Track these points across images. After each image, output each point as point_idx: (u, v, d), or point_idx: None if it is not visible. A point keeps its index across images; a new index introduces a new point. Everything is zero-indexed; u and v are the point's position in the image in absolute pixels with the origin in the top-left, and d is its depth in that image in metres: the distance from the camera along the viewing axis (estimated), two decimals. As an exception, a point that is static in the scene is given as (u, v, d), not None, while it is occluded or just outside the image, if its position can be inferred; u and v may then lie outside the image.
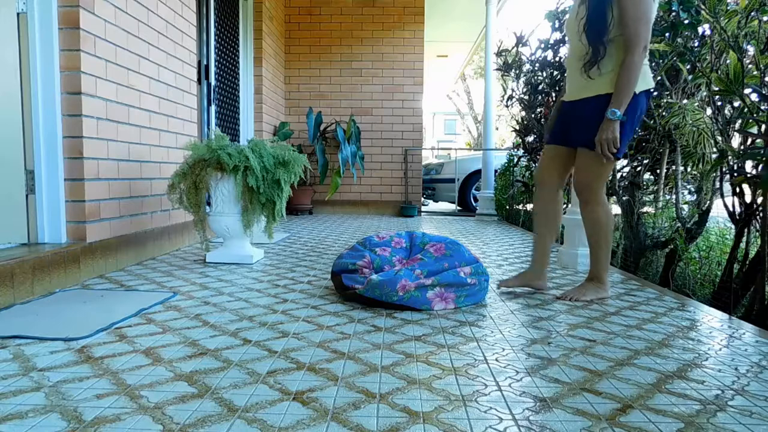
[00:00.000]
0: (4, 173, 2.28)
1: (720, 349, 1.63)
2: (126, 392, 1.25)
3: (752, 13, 2.59)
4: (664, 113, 3.33)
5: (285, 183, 2.85)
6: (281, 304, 2.11)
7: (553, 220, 2.37)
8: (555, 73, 4.70)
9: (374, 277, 2.10)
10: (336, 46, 6.74)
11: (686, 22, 2.86)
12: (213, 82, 4.68)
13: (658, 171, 3.70)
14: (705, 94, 3.25)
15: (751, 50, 2.78)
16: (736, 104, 2.96)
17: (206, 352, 1.53)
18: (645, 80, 2.09)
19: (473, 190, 8.05)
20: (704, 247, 3.50)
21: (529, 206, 5.89)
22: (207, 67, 4.58)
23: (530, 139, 5.38)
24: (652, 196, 3.84)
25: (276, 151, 2.89)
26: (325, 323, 1.85)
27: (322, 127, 6.49)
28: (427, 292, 2.05)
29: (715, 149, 3.10)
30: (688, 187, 3.71)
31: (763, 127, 2.39)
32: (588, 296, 2.24)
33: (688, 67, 3.14)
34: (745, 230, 2.70)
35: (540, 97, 4.99)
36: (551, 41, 4.61)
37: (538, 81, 4.97)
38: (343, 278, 2.25)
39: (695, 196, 3.52)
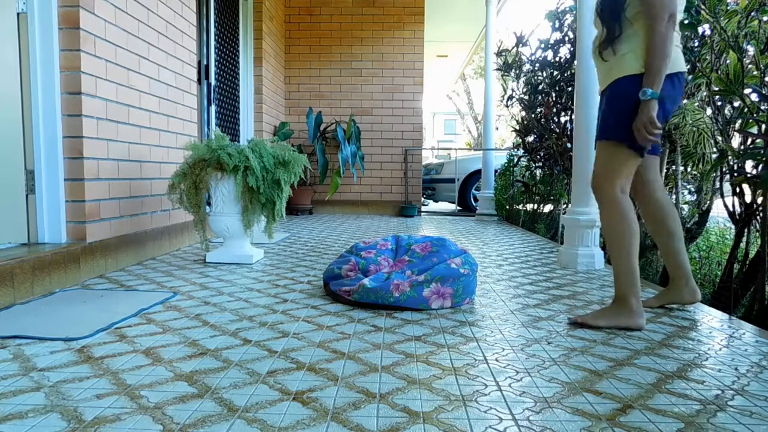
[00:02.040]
0: (4, 173, 2.28)
1: (720, 349, 1.63)
2: (126, 392, 1.25)
3: (752, 13, 2.59)
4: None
5: (285, 183, 2.85)
6: (281, 304, 2.11)
7: (654, 223, 2.06)
8: (555, 73, 4.70)
9: (366, 282, 2.09)
10: (336, 46, 6.74)
11: (686, 22, 2.86)
12: (213, 82, 4.68)
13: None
14: (705, 94, 3.25)
15: (751, 50, 2.79)
16: (736, 104, 2.96)
17: (206, 352, 1.53)
18: (677, 63, 1.84)
19: (473, 190, 8.05)
20: (704, 247, 3.50)
21: (529, 206, 5.88)
22: (207, 67, 4.57)
23: (530, 139, 5.38)
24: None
25: (276, 151, 2.89)
26: (325, 323, 1.85)
27: (322, 127, 6.49)
28: (423, 291, 2.05)
29: (715, 149, 3.11)
30: (688, 187, 3.72)
31: (763, 127, 2.39)
32: (602, 322, 1.84)
33: (688, 67, 3.14)
34: (745, 230, 2.70)
35: (540, 97, 4.99)
36: (551, 41, 4.61)
37: (538, 81, 4.97)
38: (331, 285, 2.27)
39: (695, 196, 3.52)
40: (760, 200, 2.53)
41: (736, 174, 2.72)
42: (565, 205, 5.02)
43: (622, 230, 1.88)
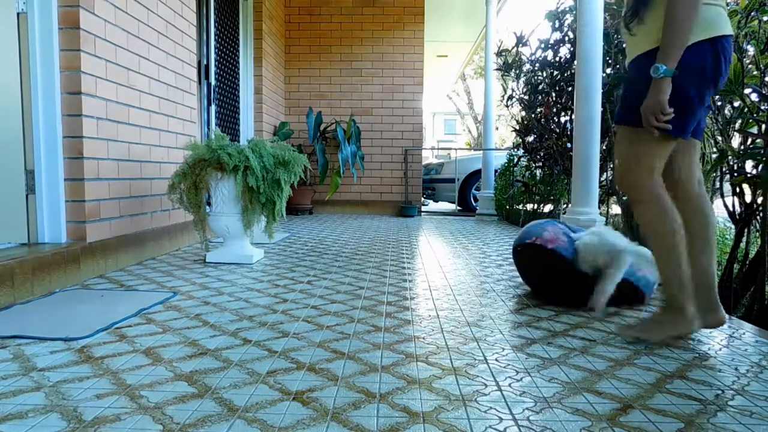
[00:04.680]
0: (4, 173, 2.28)
1: (720, 349, 1.63)
2: (126, 392, 1.25)
3: (752, 13, 2.58)
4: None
5: (285, 183, 2.85)
6: (281, 304, 2.11)
7: (696, 228, 1.70)
8: (555, 73, 4.69)
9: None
10: (336, 46, 6.74)
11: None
12: (213, 82, 4.68)
13: (658, 171, 3.69)
14: (705, 94, 3.24)
15: (751, 50, 2.78)
16: (736, 104, 2.96)
17: (206, 352, 1.53)
18: (712, 26, 1.53)
19: (473, 190, 8.05)
20: (704, 247, 3.49)
21: (529, 206, 5.88)
22: (207, 67, 4.57)
23: (530, 139, 5.38)
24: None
25: (276, 151, 2.89)
26: (325, 323, 1.85)
27: (322, 127, 6.49)
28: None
29: (715, 149, 3.10)
30: (688, 187, 3.71)
31: (763, 127, 2.39)
32: (654, 334, 1.66)
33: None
34: (745, 230, 2.69)
35: (540, 97, 4.99)
36: (551, 41, 4.61)
37: (538, 81, 4.97)
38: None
39: (695, 196, 3.51)
40: (760, 200, 2.53)
41: (736, 174, 2.72)
42: (565, 205, 5.02)
43: (665, 229, 1.62)
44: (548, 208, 5.64)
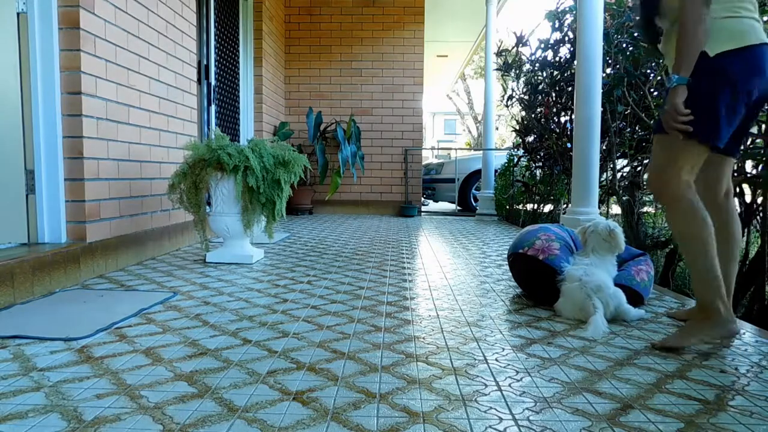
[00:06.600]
0: (4, 173, 2.28)
1: (720, 349, 1.63)
2: (126, 392, 1.25)
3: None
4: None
5: (285, 183, 2.85)
6: (281, 304, 2.11)
7: (719, 241, 1.69)
8: (555, 73, 4.69)
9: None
10: (336, 46, 6.74)
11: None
12: (213, 82, 4.68)
13: (658, 171, 3.69)
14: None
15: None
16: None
17: (206, 352, 1.53)
18: (741, 37, 1.58)
19: (473, 190, 8.05)
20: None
21: (529, 206, 5.88)
22: (207, 67, 4.57)
23: (530, 139, 5.37)
24: (652, 196, 3.83)
25: (276, 151, 2.89)
26: (325, 323, 1.85)
27: (322, 127, 6.49)
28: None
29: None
30: (688, 187, 3.71)
31: (763, 127, 2.39)
32: (692, 339, 1.64)
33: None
34: (745, 230, 2.69)
35: (540, 97, 4.99)
36: (551, 41, 4.61)
37: (538, 81, 4.97)
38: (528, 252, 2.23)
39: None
40: (760, 200, 2.53)
41: (736, 174, 2.72)
42: (565, 205, 5.02)
43: (694, 231, 1.64)
44: (548, 208, 5.64)
